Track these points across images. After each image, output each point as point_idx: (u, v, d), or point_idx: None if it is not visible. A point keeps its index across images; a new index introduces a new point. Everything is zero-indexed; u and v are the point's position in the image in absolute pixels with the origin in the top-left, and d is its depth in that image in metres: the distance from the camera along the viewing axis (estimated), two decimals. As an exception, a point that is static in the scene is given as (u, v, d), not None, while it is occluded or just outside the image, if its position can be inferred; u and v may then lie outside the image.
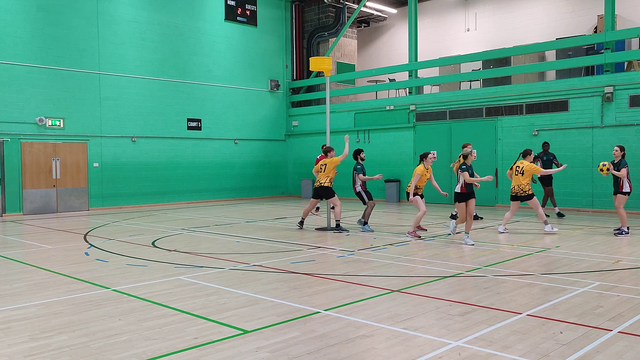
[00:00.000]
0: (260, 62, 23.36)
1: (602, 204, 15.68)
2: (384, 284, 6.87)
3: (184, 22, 20.75)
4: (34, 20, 17.17)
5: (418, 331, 4.98)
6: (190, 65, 20.96)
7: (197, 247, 10.04)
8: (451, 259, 8.53)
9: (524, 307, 5.71)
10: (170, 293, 6.52)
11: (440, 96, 19.55)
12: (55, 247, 10.36)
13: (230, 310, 5.76)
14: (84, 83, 18.19)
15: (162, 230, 12.57)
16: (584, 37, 17.69)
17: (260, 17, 23.33)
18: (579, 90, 16.19)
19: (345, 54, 25.31)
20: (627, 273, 7.38)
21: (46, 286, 7.00)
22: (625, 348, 4.51)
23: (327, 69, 12.60)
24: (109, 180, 18.76)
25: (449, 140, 18.84)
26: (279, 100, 24.18)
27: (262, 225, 13.38)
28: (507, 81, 18.80)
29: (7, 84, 16.63)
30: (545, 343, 4.62)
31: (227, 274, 7.63)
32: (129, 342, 4.77)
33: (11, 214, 16.73)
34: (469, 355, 4.38)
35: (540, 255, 8.78)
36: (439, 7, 24.08)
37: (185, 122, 20.85)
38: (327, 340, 4.77)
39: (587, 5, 19.72)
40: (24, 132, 16.96)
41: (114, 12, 18.89)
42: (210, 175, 21.64)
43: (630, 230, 11.38)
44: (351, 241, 10.51)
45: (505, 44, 20.90)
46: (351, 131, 21.64)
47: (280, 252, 9.32)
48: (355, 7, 23.21)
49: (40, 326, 5.28)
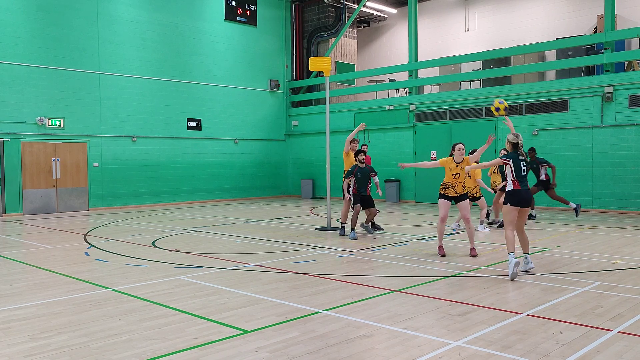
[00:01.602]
0: (260, 62, 23.36)
1: (602, 204, 15.68)
2: (384, 284, 6.87)
3: (184, 22, 20.75)
4: (34, 20, 17.17)
5: (418, 331, 4.98)
6: (190, 65, 20.96)
7: (197, 247, 10.04)
8: (451, 259, 8.52)
9: (524, 307, 5.71)
10: (170, 293, 6.52)
11: (440, 96, 19.55)
12: (55, 247, 10.35)
13: (230, 310, 5.76)
14: (84, 83, 18.19)
15: (162, 230, 12.57)
16: (584, 37, 17.69)
17: (260, 17, 23.33)
18: (579, 90, 16.19)
19: (345, 54, 25.31)
20: (627, 273, 7.38)
21: (46, 286, 7.00)
22: (625, 348, 4.51)
23: (326, 69, 12.60)
24: (109, 180, 18.76)
25: (449, 140, 18.82)
26: (279, 100, 24.18)
27: (262, 225, 13.38)
28: (507, 81, 18.80)
29: (7, 84, 16.63)
30: (545, 343, 4.62)
31: (227, 274, 7.63)
32: (129, 342, 4.77)
33: (11, 214, 16.73)
34: (469, 355, 4.37)
35: (540, 255, 8.77)
36: (439, 7, 24.08)
37: (185, 122, 20.85)
38: (327, 340, 4.77)
39: (587, 5, 19.72)
40: (24, 132, 16.96)
41: (114, 12, 18.89)
42: (210, 175, 21.64)
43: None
44: (351, 241, 10.50)
45: (505, 44, 20.90)
46: (351, 131, 21.58)
47: (280, 252, 9.32)
48: (355, 7, 23.21)
49: (40, 326, 5.28)
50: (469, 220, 8.64)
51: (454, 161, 8.67)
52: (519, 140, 7.41)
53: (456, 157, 8.67)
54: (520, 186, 7.20)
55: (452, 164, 8.67)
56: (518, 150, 7.39)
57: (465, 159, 8.74)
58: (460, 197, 8.73)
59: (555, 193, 13.83)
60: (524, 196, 7.18)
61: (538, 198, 16.80)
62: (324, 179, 12.87)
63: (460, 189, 8.74)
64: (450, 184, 8.69)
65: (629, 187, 15.20)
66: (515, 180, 7.22)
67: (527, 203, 7.25)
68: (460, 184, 8.73)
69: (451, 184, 8.69)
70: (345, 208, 11.51)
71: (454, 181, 8.66)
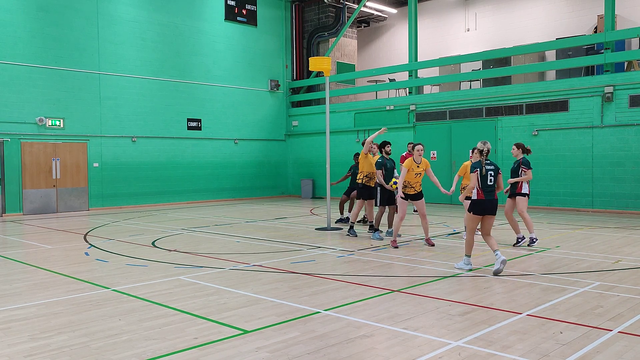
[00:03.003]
0: (260, 62, 23.36)
1: (602, 204, 15.67)
2: (384, 284, 6.87)
3: (184, 22, 20.75)
4: (34, 20, 17.16)
5: (418, 331, 4.98)
6: (190, 65, 20.96)
7: (197, 247, 10.04)
8: (451, 259, 8.52)
9: (524, 307, 5.71)
10: (170, 293, 6.52)
11: (440, 96, 19.55)
12: (55, 247, 10.35)
13: (230, 310, 5.76)
14: (84, 83, 18.19)
15: (162, 230, 12.57)
16: (584, 37, 17.69)
17: (260, 17, 23.32)
18: (579, 90, 16.18)
19: (345, 54, 25.31)
20: (627, 273, 7.38)
21: (46, 286, 7.00)
22: (625, 348, 4.51)
23: (326, 69, 12.60)
24: (109, 180, 18.76)
25: (449, 140, 18.83)
26: (279, 100, 24.17)
27: (262, 225, 13.38)
28: (507, 81, 18.80)
29: (7, 84, 16.63)
30: (545, 343, 4.62)
31: (227, 274, 7.63)
32: (129, 342, 4.77)
33: (11, 214, 16.73)
34: (469, 355, 4.38)
35: (540, 255, 8.77)
36: (439, 7, 24.08)
37: (185, 122, 20.85)
38: (327, 340, 4.77)
39: (587, 5, 19.72)
40: (24, 132, 16.96)
41: (114, 12, 18.89)
42: (210, 175, 21.64)
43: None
44: (351, 241, 10.50)
45: (505, 44, 20.90)
46: (351, 131, 21.64)
47: (280, 252, 9.32)
48: (355, 7, 23.21)
49: (40, 326, 5.28)
50: (425, 215, 9.72)
51: (414, 162, 9.42)
52: (485, 148, 7.44)
53: (415, 157, 9.44)
54: (484, 196, 7.38)
55: (413, 164, 9.41)
56: (484, 159, 7.44)
57: (424, 161, 9.56)
58: (418, 195, 9.59)
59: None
60: (488, 205, 7.40)
61: (537, 198, 16.82)
62: (324, 179, 12.86)
63: (418, 188, 9.66)
64: (411, 183, 9.52)
65: (629, 187, 15.20)
66: (480, 190, 7.37)
67: (491, 212, 7.45)
68: (419, 183, 9.65)
69: (411, 183, 9.52)
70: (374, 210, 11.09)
71: (414, 180, 9.51)
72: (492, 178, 7.42)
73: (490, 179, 7.39)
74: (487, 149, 7.45)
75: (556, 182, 16.44)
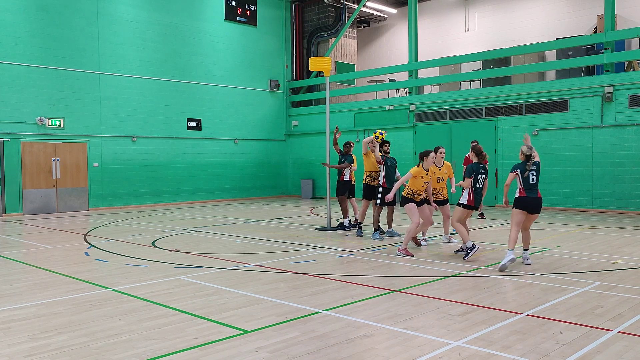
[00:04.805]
0: (260, 62, 23.36)
1: (602, 204, 15.67)
2: (384, 284, 6.87)
3: (184, 22, 20.75)
4: (34, 20, 17.16)
5: (418, 331, 4.98)
6: (190, 65, 20.96)
7: (197, 247, 10.04)
8: (451, 259, 8.53)
9: (524, 307, 5.71)
10: (170, 293, 6.52)
11: (440, 96, 19.55)
12: (55, 247, 10.35)
13: (230, 310, 5.76)
14: (84, 83, 18.19)
15: (162, 230, 12.57)
16: (584, 37, 17.69)
17: (260, 17, 23.32)
18: (579, 90, 16.18)
19: (345, 54, 25.30)
20: (627, 273, 7.38)
21: (46, 286, 7.00)
22: (625, 348, 4.51)
23: (326, 69, 12.59)
24: (109, 180, 18.76)
25: (449, 140, 18.83)
26: (279, 100, 24.17)
27: (262, 225, 13.38)
28: (507, 81, 18.79)
29: (7, 84, 16.63)
30: (545, 343, 4.62)
31: (227, 274, 7.63)
32: (129, 342, 4.77)
33: (11, 214, 16.73)
34: (469, 355, 4.38)
35: (540, 255, 8.78)
36: (439, 7, 24.08)
37: (185, 122, 20.85)
38: (327, 340, 4.77)
39: (587, 5, 19.72)
40: (24, 132, 16.96)
41: (114, 12, 18.89)
42: (210, 175, 21.64)
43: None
44: (351, 241, 10.51)
45: (505, 44, 20.89)
46: (351, 131, 21.63)
47: (280, 252, 9.32)
48: (355, 7, 23.21)
49: (40, 326, 5.28)
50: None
51: (423, 169, 8.93)
52: (532, 153, 7.87)
53: (426, 165, 8.93)
54: (525, 193, 7.79)
55: (422, 172, 8.92)
56: (531, 163, 7.82)
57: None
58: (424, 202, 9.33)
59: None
60: (530, 202, 7.79)
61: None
62: (324, 179, 12.82)
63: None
64: (418, 191, 9.06)
65: (629, 187, 15.20)
66: (522, 188, 7.81)
67: (534, 209, 7.82)
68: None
69: (418, 190, 9.06)
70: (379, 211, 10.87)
71: (420, 187, 9.04)
72: (534, 178, 7.81)
73: (533, 178, 7.79)
74: (533, 155, 7.89)
75: (556, 182, 16.43)
